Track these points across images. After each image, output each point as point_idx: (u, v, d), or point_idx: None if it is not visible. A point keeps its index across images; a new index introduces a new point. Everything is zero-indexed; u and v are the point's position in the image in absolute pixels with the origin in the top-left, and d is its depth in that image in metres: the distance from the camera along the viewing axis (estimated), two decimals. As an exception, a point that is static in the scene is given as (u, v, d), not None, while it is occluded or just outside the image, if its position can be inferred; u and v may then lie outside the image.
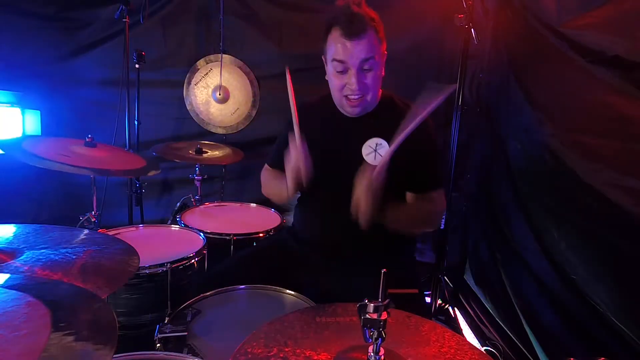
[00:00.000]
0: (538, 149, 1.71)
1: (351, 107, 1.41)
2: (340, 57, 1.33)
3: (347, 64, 1.33)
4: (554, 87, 1.71)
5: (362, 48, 1.31)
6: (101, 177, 2.67)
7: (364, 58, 1.32)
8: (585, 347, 1.47)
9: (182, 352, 1.02)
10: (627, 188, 1.26)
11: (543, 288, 1.71)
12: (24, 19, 2.54)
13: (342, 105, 1.43)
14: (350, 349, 0.82)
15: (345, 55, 1.32)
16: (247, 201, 2.37)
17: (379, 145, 1.40)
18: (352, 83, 1.34)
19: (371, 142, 1.41)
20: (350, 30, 1.30)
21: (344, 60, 1.33)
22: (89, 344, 0.61)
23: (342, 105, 1.43)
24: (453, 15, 2.24)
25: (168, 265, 1.50)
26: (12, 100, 2.57)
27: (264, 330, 0.87)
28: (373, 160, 1.39)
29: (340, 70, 1.35)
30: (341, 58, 1.33)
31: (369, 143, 1.41)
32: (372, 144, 1.40)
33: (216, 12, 2.77)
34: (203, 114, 2.90)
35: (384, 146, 1.39)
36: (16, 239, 1.07)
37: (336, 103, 1.46)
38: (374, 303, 0.75)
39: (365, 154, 1.41)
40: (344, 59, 1.32)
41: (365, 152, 1.41)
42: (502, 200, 2.10)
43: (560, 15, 1.61)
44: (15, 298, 0.71)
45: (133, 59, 2.47)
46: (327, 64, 1.42)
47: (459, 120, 2.37)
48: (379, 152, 1.39)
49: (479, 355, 0.86)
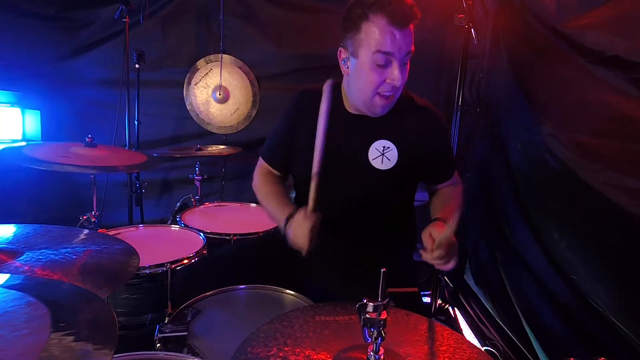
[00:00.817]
0: (538, 149, 1.71)
1: (383, 107, 1.27)
2: (387, 49, 1.16)
3: (393, 56, 1.18)
4: (554, 87, 1.71)
5: (409, 39, 1.18)
6: (101, 177, 2.67)
7: (408, 50, 1.19)
8: (585, 347, 1.47)
9: (182, 352, 1.02)
10: (627, 188, 1.26)
11: (543, 288, 1.71)
12: (24, 19, 2.54)
13: (372, 104, 1.27)
14: (350, 348, 0.82)
15: (393, 46, 1.16)
16: (247, 201, 2.37)
17: (387, 149, 1.32)
18: (395, 78, 1.19)
19: (378, 144, 1.32)
20: (401, 20, 1.15)
21: (392, 52, 1.17)
22: (89, 344, 0.61)
23: (371, 104, 1.27)
24: (453, 15, 2.24)
25: (168, 265, 1.50)
26: (12, 100, 2.57)
27: (263, 329, 0.87)
28: (380, 164, 1.32)
29: (382, 64, 1.19)
30: (389, 49, 1.16)
31: (375, 146, 1.32)
32: (380, 147, 1.32)
33: (216, 12, 2.77)
34: (203, 114, 2.91)
35: (392, 149, 1.31)
36: (16, 239, 1.07)
37: (360, 102, 1.30)
38: (373, 302, 0.75)
39: (371, 157, 1.33)
40: (391, 50, 1.16)
41: (372, 156, 1.33)
42: (502, 200, 2.10)
43: (560, 15, 1.61)
44: (15, 298, 0.71)
45: (133, 59, 2.47)
46: (356, 57, 1.23)
47: (459, 120, 2.37)
48: (387, 156, 1.32)
49: (478, 353, 0.86)
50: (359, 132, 1.35)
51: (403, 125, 1.34)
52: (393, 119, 1.34)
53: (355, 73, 1.26)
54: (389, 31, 1.15)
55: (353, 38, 1.22)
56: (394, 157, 1.33)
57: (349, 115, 1.38)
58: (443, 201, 1.43)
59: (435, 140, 1.39)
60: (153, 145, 2.86)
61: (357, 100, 1.32)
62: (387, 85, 1.22)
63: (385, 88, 1.23)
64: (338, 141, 1.36)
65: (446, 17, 2.42)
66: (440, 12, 2.57)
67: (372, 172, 1.33)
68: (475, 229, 2.44)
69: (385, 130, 1.34)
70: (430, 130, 1.38)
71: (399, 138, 1.34)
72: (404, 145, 1.33)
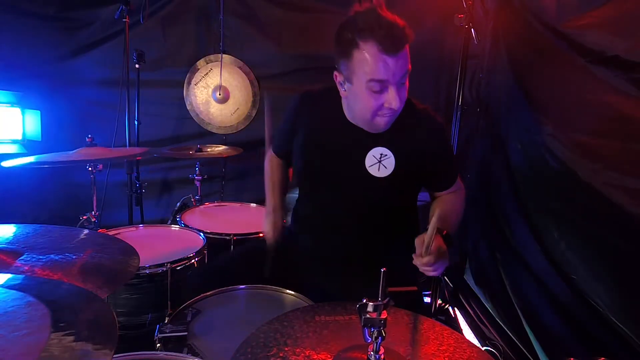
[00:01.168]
0: (538, 149, 1.71)
1: (385, 124, 1.26)
2: (381, 77, 1.15)
3: (388, 82, 1.16)
4: (554, 87, 1.71)
5: (403, 63, 1.16)
6: (101, 177, 2.67)
7: (403, 73, 1.18)
8: (585, 347, 1.47)
9: (182, 352, 1.02)
10: (627, 188, 1.26)
11: (543, 288, 1.71)
12: (24, 19, 2.54)
13: (372, 124, 1.26)
14: (350, 348, 0.82)
15: (387, 73, 1.14)
16: (247, 201, 2.37)
17: (384, 156, 1.31)
18: (393, 102, 1.18)
19: (375, 152, 1.31)
20: (392, 46, 1.12)
21: (386, 80, 1.15)
22: (89, 344, 0.61)
23: (372, 124, 1.27)
24: (453, 15, 2.24)
25: (168, 265, 1.50)
26: (12, 100, 2.58)
27: (263, 330, 0.87)
28: (377, 172, 1.31)
29: (378, 90, 1.17)
30: (382, 77, 1.15)
31: (372, 153, 1.31)
32: (377, 154, 1.31)
33: (216, 12, 2.77)
34: (203, 114, 2.91)
35: (389, 157, 1.30)
36: (16, 239, 1.07)
37: (360, 121, 1.30)
38: (373, 302, 0.75)
39: (368, 164, 1.31)
40: (385, 77, 1.15)
41: (369, 163, 1.31)
42: (502, 200, 2.10)
43: (560, 15, 1.61)
44: (15, 298, 0.71)
45: (133, 59, 2.47)
46: (351, 83, 1.21)
47: (459, 120, 2.37)
48: (384, 164, 1.31)
49: (478, 353, 0.86)
50: (357, 139, 1.34)
51: (402, 132, 1.32)
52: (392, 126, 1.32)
53: (352, 97, 1.25)
54: (380, 59, 1.13)
55: (346, 64, 1.20)
56: (391, 165, 1.31)
57: (347, 123, 1.36)
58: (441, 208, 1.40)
59: (435, 146, 1.37)
60: (153, 145, 2.86)
61: (357, 118, 1.32)
62: (385, 109, 1.21)
63: (384, 111, 1.22)
64: (335, 146, 1.36)
65: (446, 17, 2.42)
66: (440, 12, 2.58)
67: (369, 180, 1.32)
68: (475, 229, 2.44)
69: (383, 137, 1.32)
70: (429, 136, 1.36)
71: (397, 145, 1.32)
72: (402, 152, 1.31)
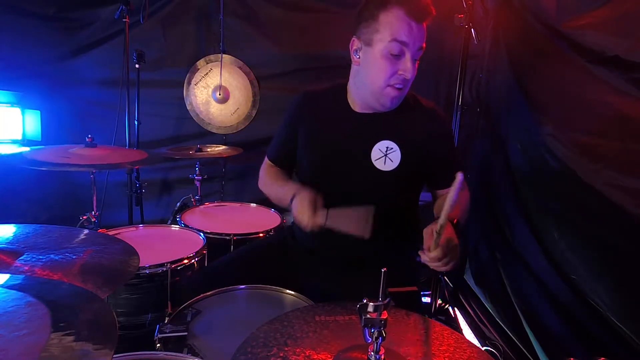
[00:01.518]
0: (538, 149, 1.71)
1: (392, 98, 1.27)
2: (404, 38, 1.19)
3: (408, 47, 1.20)
4: (554, 87, 1.71)
5: (423, 34, 1.22)
6: (101, 177, 2.67)
7: (420, 45, 1.22)
8: (585, 347, 1.47)
9: (182, 352, 1.02)
10: (627, 188, 1.26)
11: (543, 288, 1.71)
12: (24, 19, 2.54)
13: (382, 94, 1.27)
14: (350, 348, 0.82)
15: (410, 36, 1.19)
16: (247, 201, 2.37)
17: (390, 150, 1.32)
18: (407, 69, 1.21)
19: (381, 145, 1.32)
20: (418, 13, 1.19)
21: (407, 42, 1.19)
22: (89, 344, 0.61)
23: (381, 95, 1.27)
24: (453, 15, 2.24)
25: (168, 265, 1.50)
26: (12, 100, 2.57)
27: (263, 330, 0.87)
28: (383, 165, 1.32)
29: (397, 54, 1.20)
30: (405, 39, 1.19)
31: (378, 146, 1.32)
32: (383, 148, 1.32)
33: (216, 12, 2.77)
34: (203, 114, 2.91)
35: (395, 150, 1.31)
36: (16, 239, 1.07)
37: (369, 93, 1.30)
38: (373, 302, 0.75)
39: (374, 158, 1.32)
40: (407, 40, 1.19)
41: (375, 157, 1.32)
42: (502, 200, 2.10)
43: (560, 15, 1.61)
44: (15, 298, 0.71)
45: (133, 59, 2.47)
46: (371, 45, 1.24)
47: (459, 120, 2.37)
48: (390, 157, 1.32)
49: (478, 353, 0.86)
50: (363, 132, 1.35)
51: (408, 127, 1.34)
52: (398, 119, 1.33)
53: (368, 63, 1.27)
54: (406, 21, 1.18)
55: (369, 27, 1.23)
56: (397, 158, 1.32)
57: (354, 115, 1.37)
58: None
59: (440, 142, 1.38)
60: (153, 145, 2.86)
61: (366, 91, 1.32)
62: (399, 77, 1.23)
63: (396, 80, 1.24)
64: (341, 140, 1.37)
65: (446, 17, 2.41)
66: (440, 12, 2.55)
67: (374, 173, 1.33)
68: (475, 229, 2.44)
69: (389, 131, 1.33)
70: (435, 132, 1.37)
71: (403, 139, 1.33)
72: (407, 146, 1.32)
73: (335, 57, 2.65)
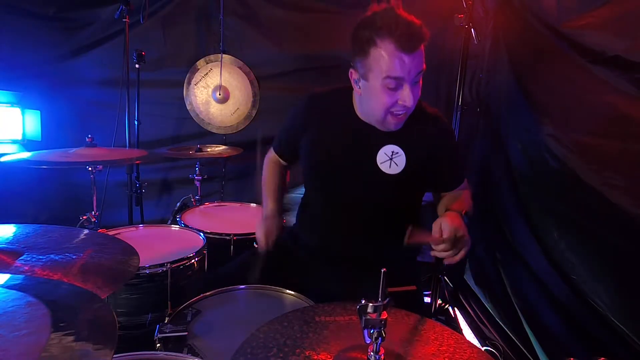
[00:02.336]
0: (538, 149, 1.71)
1: (396, 123, 1.29)
2: (397, 74, 1.17)
3: (404, 79, 1.19)
4: (554, 87, 1.71)
5: (418, 61, 1.19)
6: (101, 177, 2.67)
7: (418, 71, 1.21)
8: (585, 347, 1.47)
9: (182, 352, 1.02)
10: (627, 188, 1.26)
11: (543, 288, 1.71)
12: (24, 19, 2.54)
13: (384, 121, 1.29)
14: (350, 348, 0.82)
15: (403, 71, 1.17)
16: (247, 201, 2.37)
17: (395, 154, 1.33)
18: (407, 99, 1.20)
19: (387, 149, 1.33)
20: (409, 44, 1.15)
21: (401, 77, 1.18)
22: (89, 344, 0.61)
23: (383, 122, 1.29)
24: (453, 15, 2.24)
25: (168, 265, 1.50)
26: (12, 100, 2.58)
27: (263, 330, 0.87)
28: (388, 168, 1.33)
29: (393, 87, 1.20)
30: (398, 75, 1.17)
31: (384, 150, 1.33)
32: (388, 152, 1.33)
33: (216, 12, 2.77)
34: (203, 114, 2.91)
35: (400, 155, 1.33)
36: (16, 239, 1.07)
37: (373, 120, 1.33)
38: (373, 303, 0.74)
39: (379, 161, 1.33)
40: (401, 75, 1.18)
41: (380, 160, 1.33)
42: (502, 200, 2.10)
43: (561, 15, 1.61)
44: (15, 298, 0.71)
45: (133, 59, 2.47)
46: (367, 80, 1.24)
47: (459, 120, 2.37)
48: (395, 161, 1.33)
49: (478, 353, 0.86)
50: (368, 137, 1.36)
51: (412, 132, 1.35)
52: (403, 126, 1.34)
53: (367, 95, 1.27)
54: (397, 57, 1.16)
55: (362, 62, 1.22)
56: (402, 163, 1.33)
57: (359, 120, 1.38)
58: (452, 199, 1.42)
59: (444, 148, 1.39)
60: (153, 145, 2.86)
61: (370, 117, 1.34)
62: (399, 106, 1.23)
63: (397, 108, 1.24)
64: (347, 144, 1.38)
65: (446, 17, 2.41)
66: (440, 12, 2.57)
67: (380, 176, 1.33)
68: (475, 229, 2.44)
69: (394, 135, 1.34)
70: (439, 139, 1.38)
71: (408, 144, 1.34)
72: (412, 151, 1.34)
73: (335, 57, 2.65)
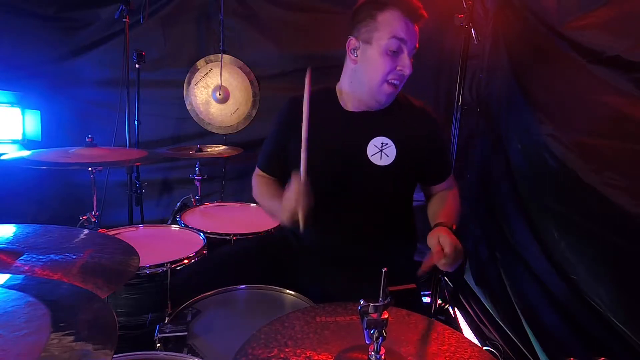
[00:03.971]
0: (538, 149, 1.71)
1: (388, 95, 1.33)
2: (402, 35, 1.26)
3: (405, 44, 1.27)
4: (554, 87, 1.71)
5: (417, 35, 1.30)
6: (101, 177, 2.67)
7: (414, 45, 1.30)
8: (585, 347, 1.47)
9: (182, 352, 1.02)
10: (627, 188, 1.26)
11: (543, 288, 1.71)
12: (24, 19, 2.54)
13: (379, 91, 1.32)
14: (351, 348, 0.82)
15: (407, 34, 1.26)
16: (247, 201, 2.36)
17: (385, 145, 1.36)
18: (405, 65, 1.28)
19: (376, 141, 1.36)
20: (414, 15, 1.27)
21: (405, 39, 1.27)
22: (89, 344, 0.61)
23: (378, 92, 1.33)
24: (453, 15, 2.24)
25: (168, 265, 1.50)
26: (12, 100, 2.57)
27: (264, 330, 0.87)
28: (379, 160, 1.36)
29: (395, 50, 1.27)
30: (403, 36, 1.26)
31: (374, 142, 1.37)
32: (378, 144, 1.36)
33: (216, 12, 2.77)
34: (203, 114, 2.90)
35: (390, 146, 1.36)
36: (16, 239, 1.07)
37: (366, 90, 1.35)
38: (374, 303, 0.74)
39: (370, 154, 1.36)
40: (405, 37, 1.26)
41: (371, 152, 1.36)
42: (502, 200, 2.10)
43: (561, 15, 1.61)
44: (15, 298, 0.71)
45: (133, 59, 2.47)
46: (370, 43, 1.30)
47: (459, 120, 2.37)
48: (385, 152, 1.36)
49: (479, 352, 0.86)
50: (358, 129, 1.39)
51: (401, 124, 1.39)
52: (391, 117, 1.39)
53: (367, 60, 1.32)
54: (403, 20, 1.26)
55: (367, 26, 1.29)
56: (393, 154, 1.36)
57: (347, 114, 1.41)
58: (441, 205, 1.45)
59: (431, 140, 1.44)
60: (153, 145, 2.86)
61: (362, 89, 1.37)
62: (397, 73, 1.30)
63: (394, 75, 1.30)
64: (337, 138, 1.40)
65: (446, 17, 2.41)
66: (440, 12, 2.57)
67: (371, 168, 1.36)
68: (475, 229, 2.44)
69: (383, 127, 1.38)
70: (426, 130, 1.43)
71: (397, 136, 1.37)
72: (402, 142, 1.37)
73: (335, 57, 2.64)
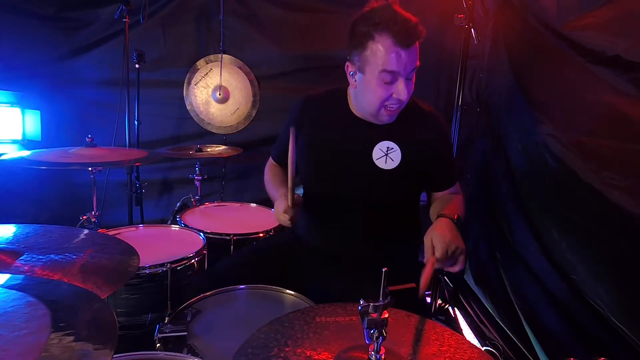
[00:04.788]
0: (538, 149, 1.71)
1: (389, 116, 1.32)
2: (393, 68, 1.21)
3: (399, 74, 1.23)
4: (554, 87, 1.71)
5: (413, 57, 1.23)
6: (101, 177, 2.67)
7: (413, 67, 1.25)
8: (585, 347, 1.47)
9: (182, 352, 1.02)
10: (627, 188, 1.26)
11: (543, 288, 1.71)
12: (24, 19, 2.54)
13: (378, 114, 1.32)
14: (351, 348, 0.82)
15: (399, 65, 1.21)
16: (247, 201, 2.37)
17: (391, 150, 1.36)
18: (401, 93, 1.24)
19: (382, 145, 1.36)
20: (406, 40, 1.19)
21: (397, 71, 1.22)
22: (89, 344, 0.61)
23: (377, 115, 1.32)
24: (453, 15, 2.24)
25: (168, 265, 1.50)
26: (12, 100, 2.57)
27: (264, 330, 0.87)
28: (384, 164, 1.35)
29: (389, 81, 1.24)
30: (394, 69, 1.21)
31: (379, 146, 1.36)
32: (384, 148, 1.36)
33: (216, 12, 2.77)
34: (203, 114, 2.90)
35: (395, 150, 1.35)
36: (16, 239, 1.07)
37: (367, 113, 1.35)
38: (375, 303, 0.74)
39: (375, 157, 1.36)
40: (397, 69, 1.21)
41: (376, 156, 1.36)
42: (502, 200, 2.10)
43: (561, 15, 1.61)
44: (15, 298, 0.71)
45: (133, 59, 2.47)
46: (363, 73, 1.27)
47: (459, 120, 2.38)
48: (390, 157, 1.35)
49: (478, 353, 0.86)
50: (364, 133, 1.39)
51: (407, 129, 1.37)
52: (397, 122, 1.37)
53: (363, 87, 1.30)
54: (394, 51, 1.19)
55: (359, 55, 1.25)
56: (398, 158, 1.36)
57: (354, 118, 1.41)
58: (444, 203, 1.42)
59: (438, 145, 1.42)
60: (153, 145, 2.86)
61: (364, 111, 1.37)
62: (393, 100, 1.27)
63: (391, 102, 1.28)
64: (342, 141, 1.40)
65: (446, 17, 2.41)
66: (440, 12, 2.57)
67: (376, 172, 1.36)
68: (475, 229, 2.44)
69: (389, 132, 1.37)
70: (433, 135, 1.41)
71: (403, 140, 1.37)
72: (407, 147, 1.36)
73: (335, 57, 2.64)
